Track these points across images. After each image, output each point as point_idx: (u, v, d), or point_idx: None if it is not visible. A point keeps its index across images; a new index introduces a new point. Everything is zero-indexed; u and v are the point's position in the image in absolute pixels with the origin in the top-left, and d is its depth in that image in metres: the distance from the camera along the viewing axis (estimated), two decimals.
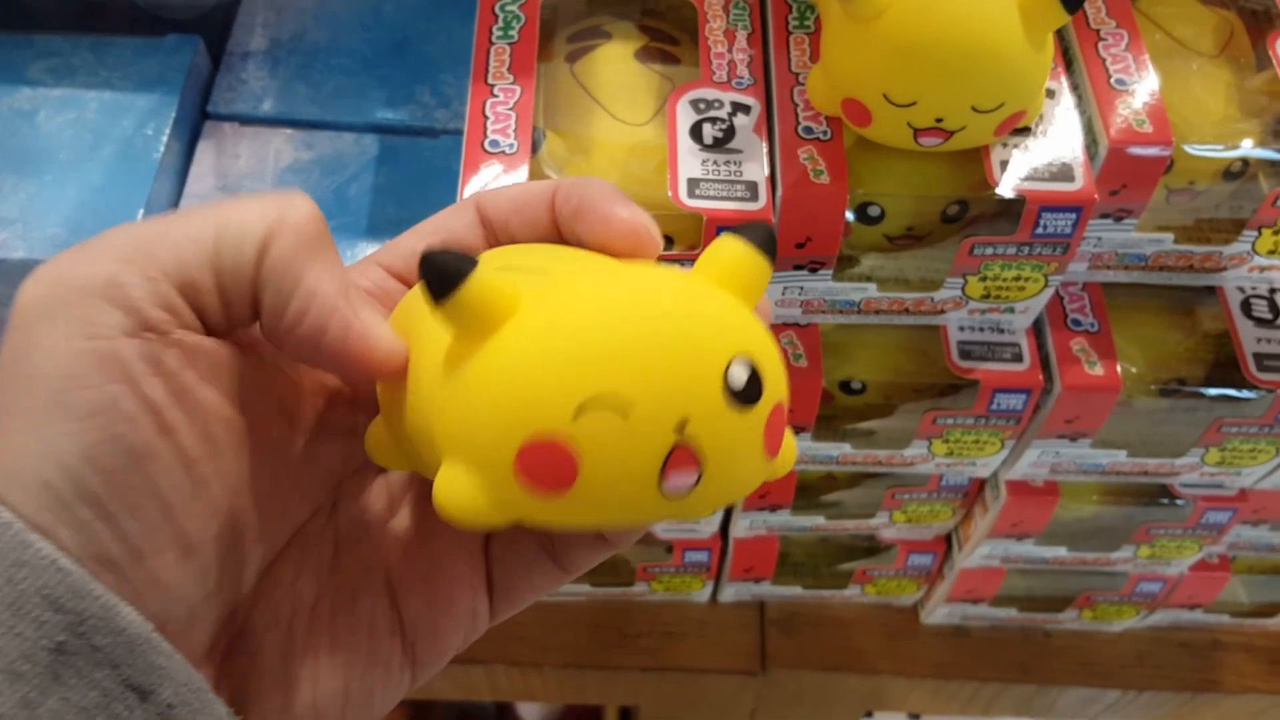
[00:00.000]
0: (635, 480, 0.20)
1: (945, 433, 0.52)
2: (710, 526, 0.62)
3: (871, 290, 0.48)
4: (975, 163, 0.45)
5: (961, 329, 0.51)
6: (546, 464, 0.20)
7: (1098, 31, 0.48)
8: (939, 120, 0.42)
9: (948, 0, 0.40)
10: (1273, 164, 0.47)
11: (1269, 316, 0.51)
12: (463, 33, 0.56)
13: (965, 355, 0.50)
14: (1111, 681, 0.67)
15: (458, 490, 0.21)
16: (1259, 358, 0.50)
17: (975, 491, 0.58)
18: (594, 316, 0.21)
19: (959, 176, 0.46)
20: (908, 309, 0.49)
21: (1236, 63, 0.50)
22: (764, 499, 0.58)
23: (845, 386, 0.52)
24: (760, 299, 0.23)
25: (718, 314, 0.21)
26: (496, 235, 0.27)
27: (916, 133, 0.42)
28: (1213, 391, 0.50)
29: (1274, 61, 0.48)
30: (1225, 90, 0.49)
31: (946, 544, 0.63)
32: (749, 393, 0.21)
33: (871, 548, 0.64)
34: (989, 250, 0.46)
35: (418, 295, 0.24)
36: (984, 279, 0.47)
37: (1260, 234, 0.48)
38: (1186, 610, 0.65)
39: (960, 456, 0.53)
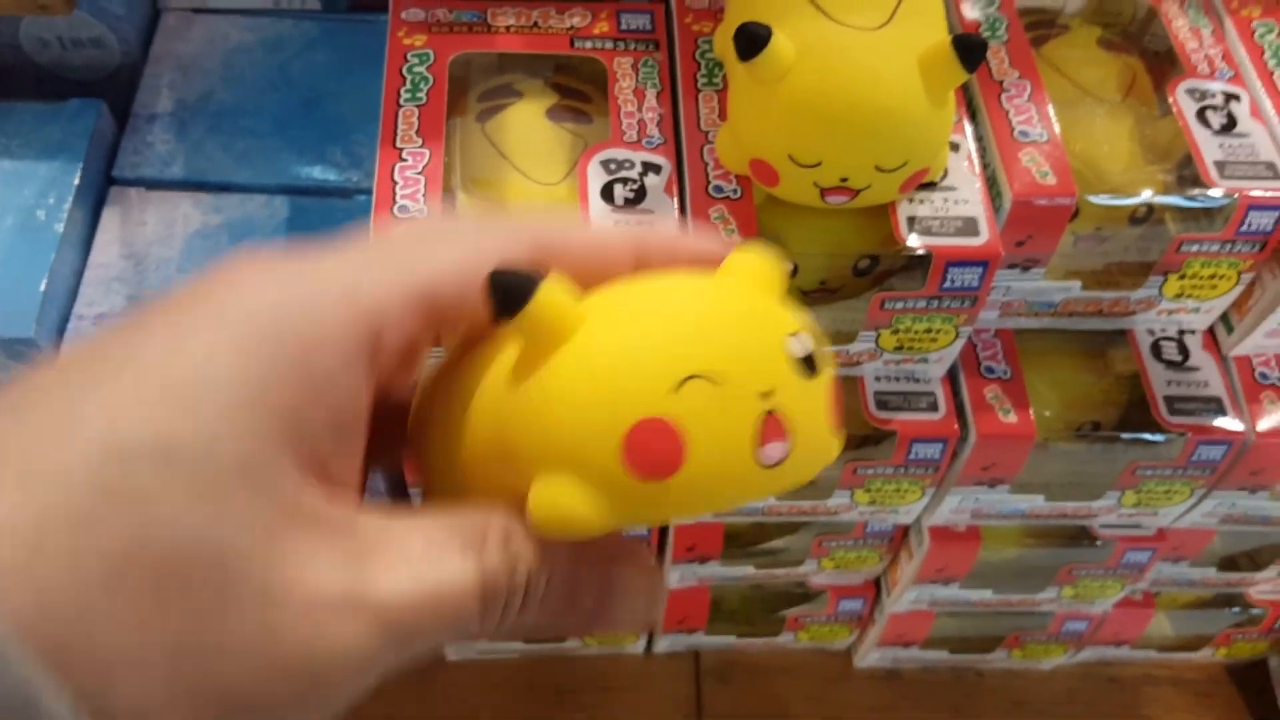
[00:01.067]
0: (736, 453, 0.21)
1: (866, 482, 0.52)
2: None
3: None
4: (883, 218, 0.45)
5: (877, 379, 0.51)
6: (654, 446, 0.20)
7: (1000, 83, 0.48)
8: (844, 180, 0.42)
9: (848, 62, 0.40)
10: (1178, 209, 0.48)
11: (1178, 359, 0.52)
12: (373, 90, 0.56)
13: (882, 405, 0.50)
14: (1044, 719, 0.67)
15: (563, 498, 0.21)
16: (1169, 401, 0.51)
17: (900, 537, 0.58)
18: (666, 309, 0.22)
19: (868, 232, 0.46)
20: None
21: (1139, 108, 0.51)
22: (691, 551, 0.58)
23: None
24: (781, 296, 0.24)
25: (762, 302, 0.23)
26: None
27: (823, 191, 0.42)
28: (1126, 435, 0.51)
29: (1174, 108, 0.49)
30: (1129, 136, 0.50)
31: (876, 588, 0.63)
32: (813, 361, 0.22)
33: (803, 594, 0.64)
34: (899, 305, 0.46)
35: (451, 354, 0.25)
36: (896, 331, 0.47)
37: (1166, 279, 0.49)
38: (1113, 647, 0.66)
39: (882, 505, 0.54)
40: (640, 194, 0.45)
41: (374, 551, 0.20)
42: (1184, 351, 0.52)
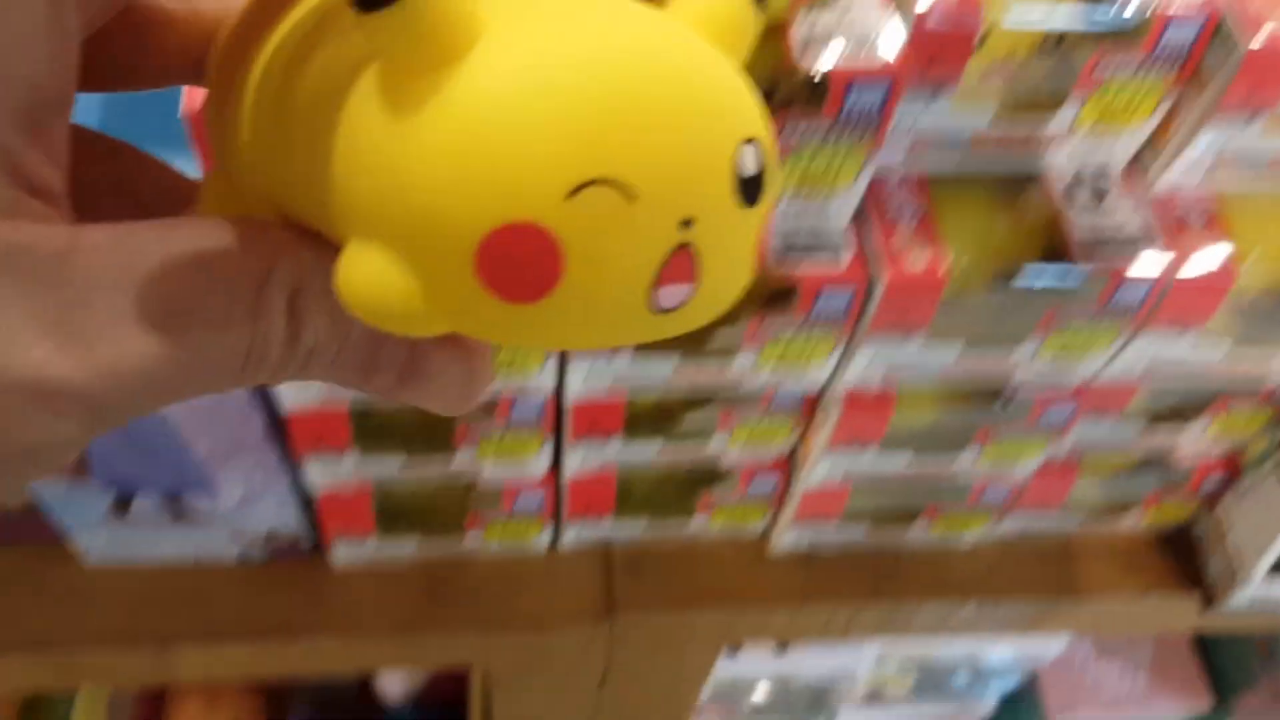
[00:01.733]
0: (626, 290, 0.16)
1: (773, 339, 0.49)
2: (539, 464, 0.57)
3: None
4: (776, 41, 0.41)
5: (781, 235, 0.47)
6: (522, 260, 0.15)
7: None
8: None
9: None
10: (1088, 34, 0.44)
11: (1095, 200, 0.49)
12: None
13: (787, 254, 0.46)
14: (966, 593, 0.65)
15: (386, 285, 0.15)
16: (1087, 243, 0.48)
17: (811, 408, 0.55)
18: (591, 65, 0.15)
19: (760, 57, 0.42)
20: None
21: None
22: (593, 427, 0.54)
23: None
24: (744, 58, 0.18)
25: (725, 82, 0.17)
26: None
27: None
28: (1042, 281, 0.48)
29: None
30: None
31: (789, 468, 0.60)
32: (757, 184, 0.17)
33: (713, 475, 0.60)
34: (798, 133, 0.42)
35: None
36: (798, 160, 0.43)
37: (1083, 106, 0.46)
38: (1036, 513, 0.64)
39: (791, 364, 0.50)
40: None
41: (88, 303, 0.15)
42: (1100, 192, 0.49)
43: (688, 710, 0.77)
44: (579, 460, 0.57)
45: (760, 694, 0.92)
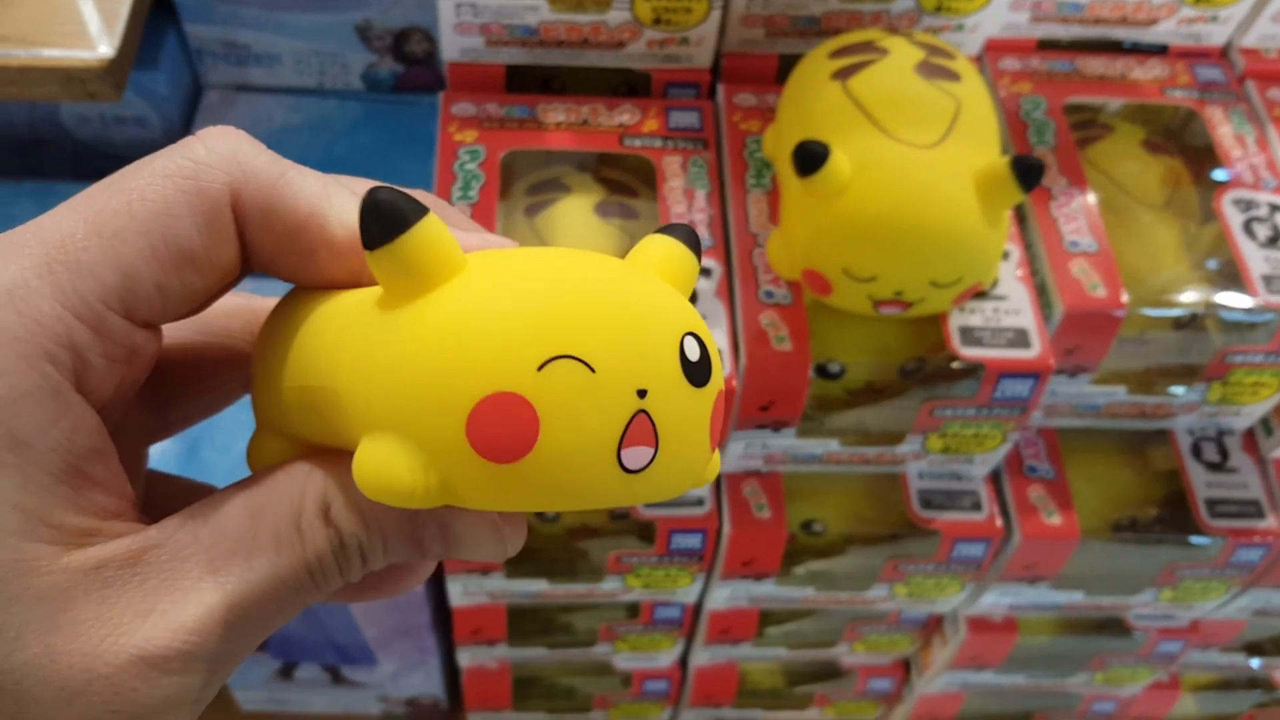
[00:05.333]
0: (595, 448, 0.19)
1: (908, 577, 0.52)
2: (670, 656, 0.61)
3: (834, 445, 0.48)
4: (933, 323, 0.45)
5: (921, 476, 0.51)
6: (505, 424, 0.18)
7: (1050, 190, 0.48)
8: (899, 293, 0.42)
9: (905, 181, 0.40)
10: (1221, 316, 0.48)
11: (1218, 460, 0.52)
12: (418, 171, 0.56)
13: (926, 504, 0.50)
14: None
15: (392, 465, 0.19)
16: (1211, 503, 0.51)
17: (934, 622, 0.59)
18: (552, 277, 0.19)
19: (918, 337, 0.46)
20: (869, 460, 0.49)
21: (1184, 212, 0.51)
22: (725, 634, 0.58)
23: (806, 527, 0.52)
24: (689, 294, 0.22)
25: (666, 293, 0.20)
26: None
27: (877, 304, 0.43)
28: (1168, 537, 0.51)
29: (1220, 217, 0.49)
30: (1174, 242, 0.50)
31: (905, 666, 0.63)
32: (702, 369, 0.20)
33: (831, 672, 0.64)
34: (949, 412, 0.46)
35: (298, 293, 0.23)
36: (944, 435, 0.47)
37: (1210, 385, 0.49)
38: None
39: (921, 597, 0.54)
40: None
41: (169, 582, 0.20)
42: (1223, 452, 0.52)
43: None
44: (708, 656, 0.61)
45: None
